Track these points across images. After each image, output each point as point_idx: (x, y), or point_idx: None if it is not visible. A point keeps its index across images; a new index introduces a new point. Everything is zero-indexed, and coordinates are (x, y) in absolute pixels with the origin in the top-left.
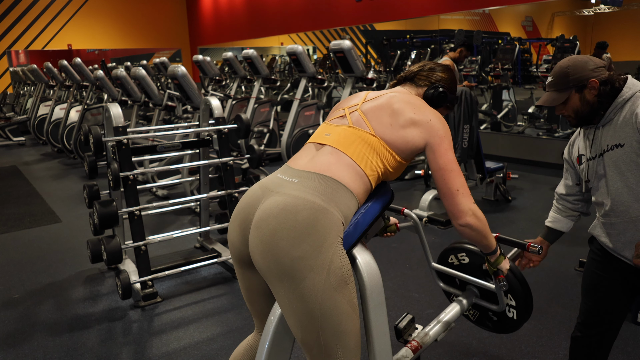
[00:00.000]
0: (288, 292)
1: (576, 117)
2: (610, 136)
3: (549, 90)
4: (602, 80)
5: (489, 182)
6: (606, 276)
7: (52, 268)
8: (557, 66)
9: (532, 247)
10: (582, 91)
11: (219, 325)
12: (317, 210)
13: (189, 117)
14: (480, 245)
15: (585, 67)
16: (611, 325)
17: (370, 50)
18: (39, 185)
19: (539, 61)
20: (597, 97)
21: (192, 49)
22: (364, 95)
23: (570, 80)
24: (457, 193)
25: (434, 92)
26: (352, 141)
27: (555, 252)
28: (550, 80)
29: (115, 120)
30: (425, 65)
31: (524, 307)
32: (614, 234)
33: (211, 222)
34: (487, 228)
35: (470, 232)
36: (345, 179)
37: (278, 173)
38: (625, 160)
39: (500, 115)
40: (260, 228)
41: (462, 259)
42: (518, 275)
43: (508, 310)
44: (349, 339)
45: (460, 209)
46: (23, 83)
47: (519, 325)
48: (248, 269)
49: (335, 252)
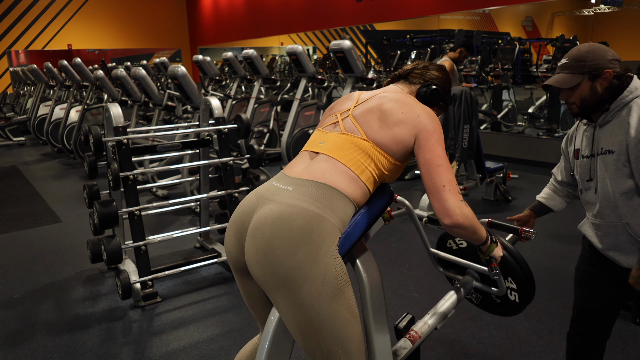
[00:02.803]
0: (285, 301)
1: (581, 105)
2: (605, 140)
3: (560, 71)
4: (616, 74)
5: (489, 182)
6: (596, 273)
7: (52, 268)
8: (575, 49)
9: (525, 232)
10: (595, 80)
11: (219, 325)
12: (312, 217)
13: (189, 117)
14: (470, 241)
15: (604, 56)
16: (603, 322)
17: (370, 50)
18: (39, 185)
19: (539, 61)
20: (606, 90)
21: (192, 49)
22: (356, 97)
23: (586, 65)
24: (444, 189)
25: (426, 90)
26: (346, 148)
27: (555, 252)
28: (564, 62)
29: (115, 120)
30: (419, 63)
31: (525, 290)
32: (600, 235)
33: (211, 222)
34: (476, 223)
35: (459, 232)
36: (340, 185)
37: (273, 181)
38: (612, 168)
39: (500, 115)
40: (256, 237)
41: (459, 243)
42: (517, 257)
43: (510, 293)
44: (351, 344)
45: (446, 206)
46: (23, 83)
47: (522, 307)
48: (246, 276)
49: (330, 260)
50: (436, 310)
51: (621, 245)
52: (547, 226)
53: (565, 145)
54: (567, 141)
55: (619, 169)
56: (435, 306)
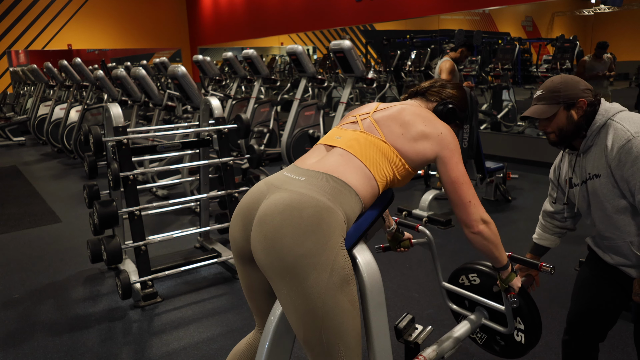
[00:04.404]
0: (290, 290)
1: (559, 134)
2: (590, 165)
3: (537, 103)
4: (589, 102)
5: (489, 182)
6: (602, 276)
7: (52, 268)
8: (549, 81)
9: (544, 267)
10: (570, 110)
11: (219, 325)
12: (323, 208)
13: (189, 117)
14: (491, 258)
15: (577, 87)
16: (602, 325)
17: (370, 50)
18: (39, 185)
19: (539, 61)
20: (582, 118)
21: (192, 49)
22: (375, 106)
23: (561, 96)
24: (470, 204)
25: (443, 108)
26: (363, 145)
27: (555, 252)
28: (539, 93)
29: (115, 120)
30: (436, 81)
31: (532, 331)
32: (608, 252)
33: (211, 222)
34: (499, 239)
35: (482, 241)
36: (352, 181)
37: (284, 171)
38: (602, 191)
39: (500, 115)
40: (264, 223)
41: (472, 279)
42: (527, 298)
43: (516, 334)
44: (351, 337)
45: (472, 219)
46: (23, 83)
47: (526, 350)
48: (249, 265)
49: (338, 251)
50: (450, 335)
51: (630, 262)
52: None
53: (554, 176)
54: (554, 171)
55: (610, 190)
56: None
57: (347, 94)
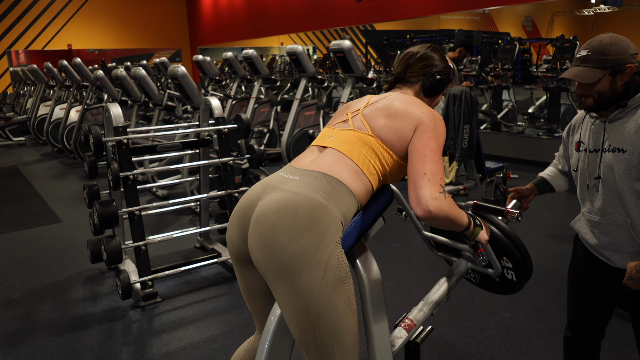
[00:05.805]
0: (285, 289)
1: (598, 100)
2: (615, 137)
3: (580, 64)
4: (637, 69)
5: (489, 182)
6: (587, 274)
7: (52, 268)
8: (597, 40)
9: (510, 213)
10: (616, 75)
11: (219, 325)
12: (317, 207)
13: (189, 117)
14: (450, 229)
15: (627, 50)
16: (596, 324)
17: (370, 50)
18: (39, 185)
19: (539, 61)
20: (625, 85)
21: (192, 49)
22: (367, 99)
23: (609, 59)
24: (423, 177)
25: (431, 81)
26: (353, 143)
27: (555, 252)
28: (585, 54)
29: (115, 120)
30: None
31: (521, 268)
32: (596, 232)
33: (211, 222)
34: (453, 214)
35: (435, 222)
36: (346, 178)
37: (280, 172)
38: (622, 167)
39: (500, 115)
40: (260, 222)
41: None
42: (512, 236)
43: (507, 272)
44: (346, 338)
45: (419, 194)
46: (23, 83)
47: (520, 285)
48: (246, 267)
49: (333, 250)
50: (429, 298)
51: (617, 245)
52: (547, 226)
53: (567, 134)
54: (569, 131)
55: (629, 169)
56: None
57: (347, 94)
